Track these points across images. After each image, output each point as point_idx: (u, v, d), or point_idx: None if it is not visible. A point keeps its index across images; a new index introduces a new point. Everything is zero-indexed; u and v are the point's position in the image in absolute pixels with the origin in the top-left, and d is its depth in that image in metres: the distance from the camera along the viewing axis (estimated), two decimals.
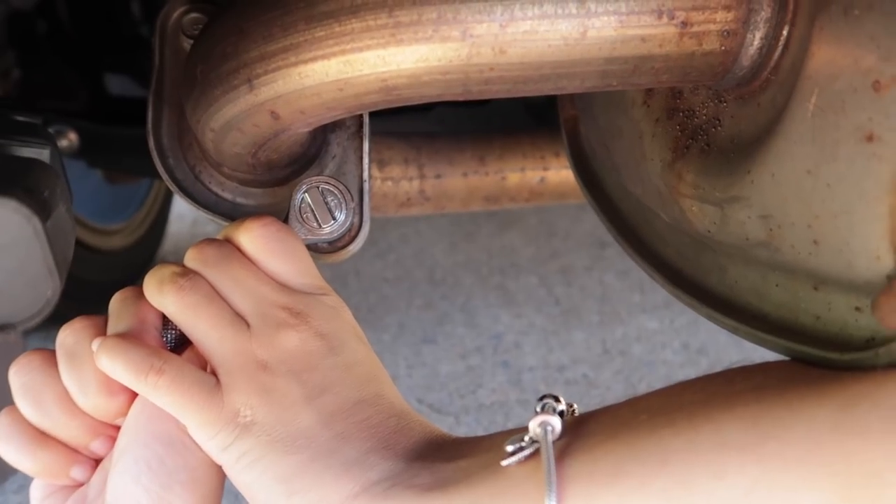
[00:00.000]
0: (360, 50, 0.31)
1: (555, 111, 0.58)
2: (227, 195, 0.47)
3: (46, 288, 0.27)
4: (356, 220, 0.45)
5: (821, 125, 0.27)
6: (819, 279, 0.29)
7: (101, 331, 0.35)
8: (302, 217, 0.41)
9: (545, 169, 0.66)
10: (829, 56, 0.26)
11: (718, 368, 0.30)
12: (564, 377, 0.93)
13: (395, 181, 0.63)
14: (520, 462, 0.28)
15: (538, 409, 0.30)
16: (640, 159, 0.44)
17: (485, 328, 1.02)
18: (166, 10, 0.47)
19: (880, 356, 0.24)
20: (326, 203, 0.42)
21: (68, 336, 0.35)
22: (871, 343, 0.27)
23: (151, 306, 0.36)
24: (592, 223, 1.27)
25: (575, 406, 0.31)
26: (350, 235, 0.45)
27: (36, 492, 0.36)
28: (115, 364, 0.33)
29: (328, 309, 0.36)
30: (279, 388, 0.33)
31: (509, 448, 0.29)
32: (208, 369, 0.34)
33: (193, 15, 0.47)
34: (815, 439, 0.23)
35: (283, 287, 0.36)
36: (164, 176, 0.46)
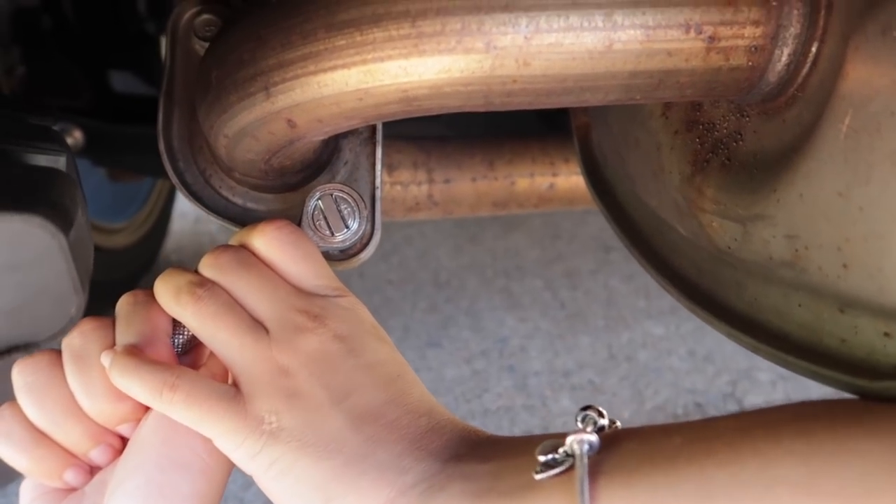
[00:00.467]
0: (382, 60, 0.30)
1: (566, 117, 0.57)
2: (238, 200, 0.46)
3: (71, 305, 0.27)
4: (368, 227, 0.45)
5: (854, 147, 0.26)
6: (846, 302, 0.29)
7: (110, 333, 0.35)
8: (315, 224, 0.41)
9: (554, 175, 0.66)
10: (864, 77, 0.26)
11: (725, 376, 0.30)
12: (570, 382, 0.92)
13: (404, 185, 0.63)
14: (552, 477, 0.27)
15: (579, 421, 0.29)
16: (657, 171, 0.43)
17: (490, 332, 1.01)
18: (178, 11, 0.46)
19: None
20: (340, 211, 0.41)
21: (76, 338, 0.34)
22: None
23: (162, 311, 0.35)
24: (598, 226, 1.26)
25: (618, 423, 0.30)
26: (362, 243, 0.44)
27: (26, 492, 0.36)
28: (129, 383, 0.32)
29: (345, 311, 0.35)
30: (304, 392, 0.32)
31: (541, 458, 0.28)
32: (230, 379, 0.34)
33: (206, 16, 0.46)
34: (872, 482, 0.22)
35: (300, 291, 0.36)
36: (174, 179, 0.46)
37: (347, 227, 0.41)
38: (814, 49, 0.30)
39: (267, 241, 0.36)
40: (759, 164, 0.35)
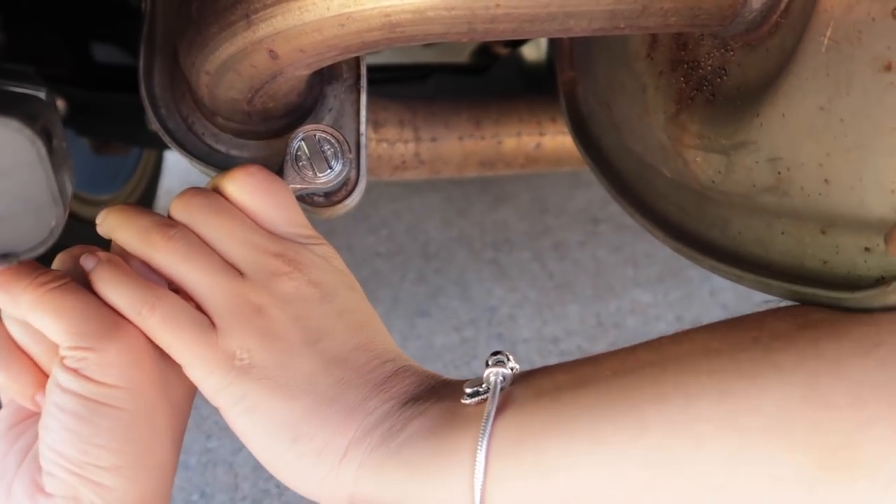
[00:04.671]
0: None
1: (553, 81, 0.57)
2: (221, 147, 0.46)
3: (51, 217, 0.27)
4: (353, 173, 0.44)
5: (835, 58, 0.26)
6: (827, 222, 0.29)
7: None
8: (298, 165, 0.40)
9: (541, 134, 0.66)
10: None
11: None
12: (559, 349, 0.93)
13: (391, 143, 0.63)
14: (478, 404, 0.30)
15: (489, 363, 0.31)
16: (642, 113, 0.43)
17: (479, 301, 1.02)
18: None
19: (890, 291, 0.24)
20: (323, 152, 0.41)
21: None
22: (880, 282, 0.26)
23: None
24: (585, 199, 1.26)
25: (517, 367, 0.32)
26: (346, 189, 0.44)
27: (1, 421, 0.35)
28: (110, 293, 0.32)
29: (319, 258, 0.36)
30: (277, 332, 0.32)
31: (468, 390, 0.31)
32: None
33: None
34: (788, 415, 0.25)
35: (274, 235, 0.36)
36: (156, 125, 0.45)
37: (331, 167, 0.41)
38: None
39: (239, 187, 0.36)
40: (743, 96, 0.35)
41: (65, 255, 0.35)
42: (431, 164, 0.64)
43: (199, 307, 0.33)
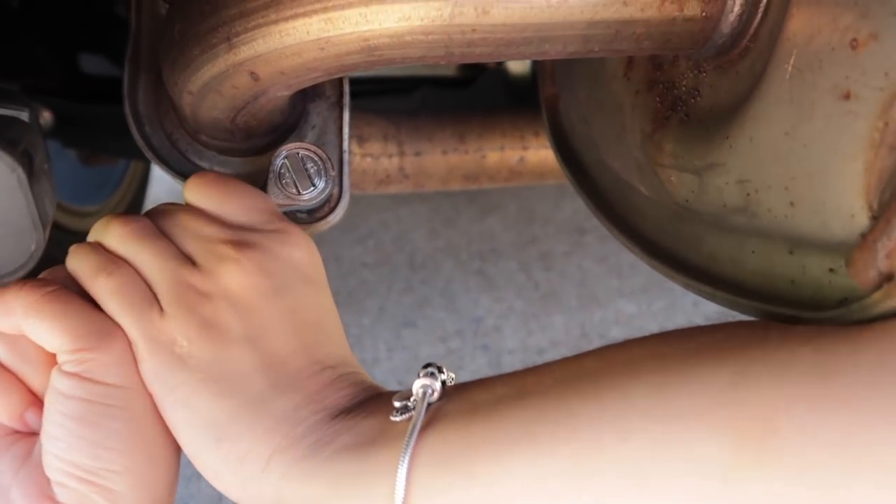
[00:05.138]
0: (342, 7, 0.31)
1: (536, 94, 0.58)
2: (205, 164, 0.46)
3: (30, 241, 0.27)
4: (336, 190, 0.45)
5: (798, 85, 0.27)
6: (794, 242, 0.30)
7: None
8: (281, 183, 0.41)
9: (524, 148, 0.66)
10: (807, 16, 0.27)
11: None
12: (544, 359, 0.93)
13: (375, 157, 0.63)
14: (405, 420, 0.30)
15: (421, 375, 0.31)
16: (619, 132, 0.44)
17: (465, 312, 1.02)
18: None
19: (853, 312, 0.25)
20: (306, 169, 0.41)
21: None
22: (844, 303, 0.27)
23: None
24: (572, 209, 1.27)
25: (453, 378, 0.32)
26: (329, 206, 0.45)
27: None
28: (75, 259, 0.33)
29: (277, 245, 0.35)
30: (220, 324, 0.32)
31: (396, 404, 0.30)
32: None
33: None
34: (713, 397, 0.24)
35: (230, 225, 0.36)
36: (141, 143, 0.46)
37: (314, 185, 0.41)
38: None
39: (191, 188, 0.37)
40: (715, 117, 0.35)
41: (51, 271, 0.35)
42: (416, 178, 0.65)
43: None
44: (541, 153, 0.66)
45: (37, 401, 0.34)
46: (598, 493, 0.25)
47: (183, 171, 0.46)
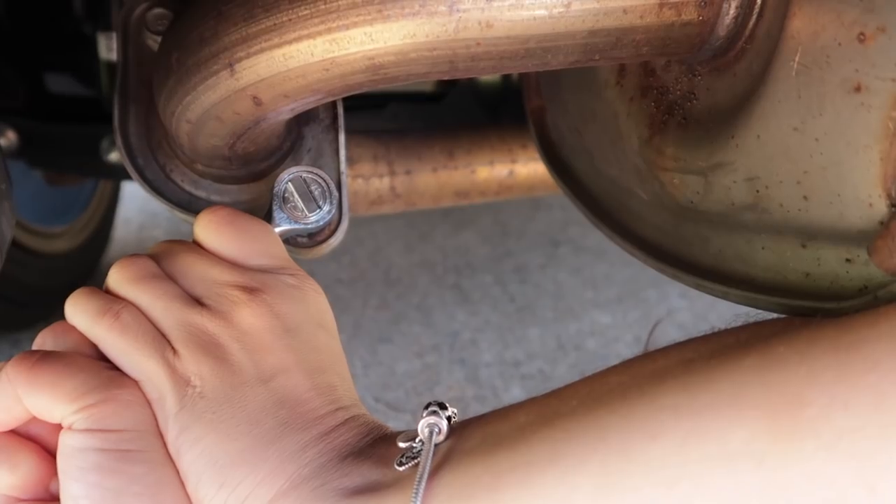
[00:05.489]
0: (347, 27, 0.31)
1: (507, 106, 0.58)
2: (202, 193, 0.46)
3: None
4: (335, 213, 0.45)
5: (806, 82, 0.28)
6: (808, 236, 0.30)
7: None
8: (286, 207, 0.41)
9: (513, 161, 0.67)
10: (810, 14, 0.27)
11: None
12: (521, 372, 0.94)
13: (366, 178, 0.63)
14: (411, 468, 0.29)
15: (424, 414, 0.30)
16: (615, 139, 0.44)
17: (441, 326, 1.02)
18: (129, 6, 0.46)
19: (880, 299, 0.25)
20: (310, 192, 0.41)
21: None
22: (864, 292, 0.28)
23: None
24: (546, 223, 1.28)
25: (455, 413, 0.31)
26: (330, 229, 0.44)
27: None
28: (76, 306, 0.32)
29: (288, 288, 0.35)
30: (232, 364, 0.32)
31: (402, 445, 0.30)
32: None
33: (157, 10, 0.46)
34: (740, 383, 0.24)
35: (239, 268, 0.35)
36: (135, 175, 0.45)
37: (320, 207, 0.41)
38: (759, 0, 0.32)
39: (202, 227, 0.36)
40: (715, 118, 0.36)
41: (45, 332, 0.34)
42: (407, 198, 0.65)
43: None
44: (530, 165, 0.67)
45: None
46: (631, 493, 0.24)
47: (179, 203, 0.45)
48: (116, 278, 0.34)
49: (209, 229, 0.36)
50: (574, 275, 1.13)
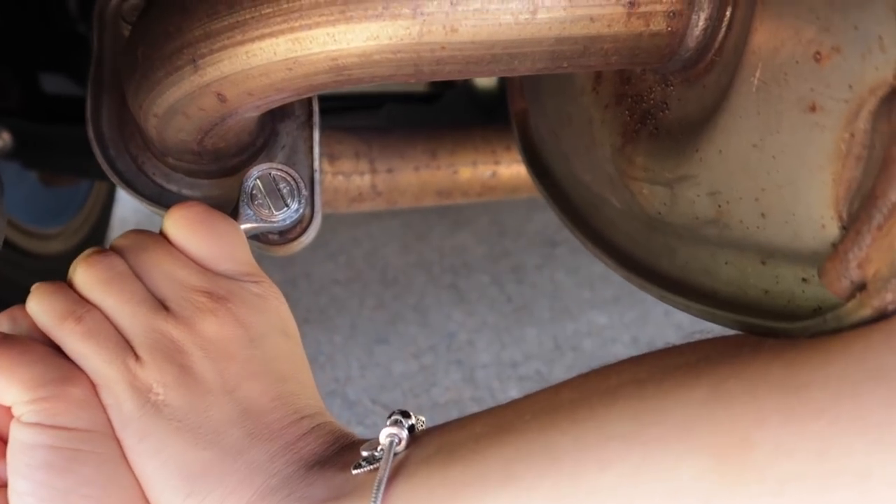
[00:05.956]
0: (309, 27, 0.30)
1: (504, 108, 0.58)
2: (173, 187, 0.45)
3: None
4: (308, 210, 0.44)
5: (765, 98, 0.27)
6: (767, 253, 0.30)
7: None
8: (254, 204, 0.40)
9: (496, 163, 0.67)
10: (771, 30, 0.27)
11: None
12: (518, 373, 0.93)
13: (347, 175, 0.63)
14: (369, 472, 0.29)
15: (388, 423, 0.30)
16: (589, 145, 0.44)
17: (437, 327, 1.02)
18: None
19: (828, 322, 0.25)
20: (279, 190, 0.41)
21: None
22: (817, 312, 0.27)
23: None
24: (542, 223, 1.28)
25: (423, 421, 0.32)
26: (301, 227, 0.44)
27: None
28: (40, 304, 0.32)
29: (253, 297, 0.35)
30: (196, 373, 0.31)
31: (364, 454, 0.30)
32: None
33: (133, 1, 0.46)
34: (690, 418, 0.24)
35: (206, 272, 0.35)
36: (105, 167, 0.45)
37: (287, 205, 0.41)
38: (728, 13, 0.32)
39: (174, 222, 0.36)
40: (684, 130, 0.36)
41: (6, 314, 0.34)
42: (388, 196, 0.65)
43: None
44: (513, 167, 0.67)
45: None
46: None
47: (150, 195, 0.45)
48: (83, 279, 0.33)
49: (180, 226, 0.35)
50: (571, 275, 1.13)
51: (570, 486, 0.25)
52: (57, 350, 0.32)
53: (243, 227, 0.40)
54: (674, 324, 0.99)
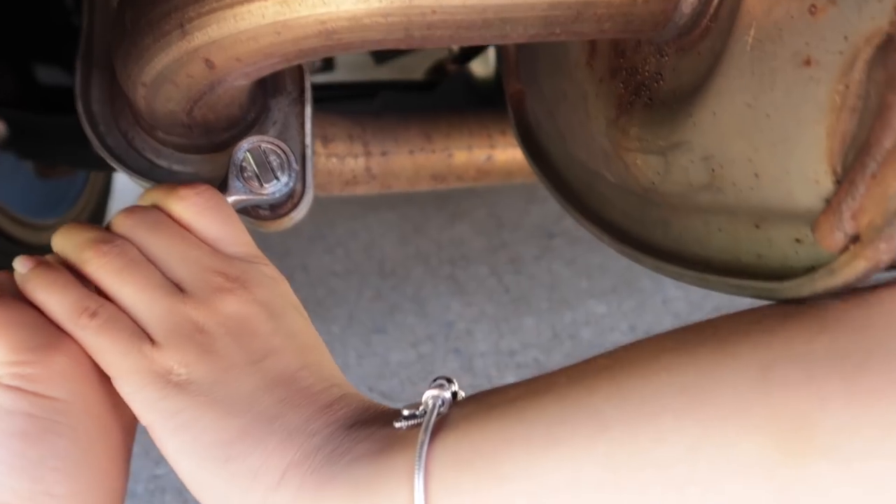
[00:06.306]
0: None
1: (501, 97, 0.58)
2: (163, 162, 0.45)
3: None
4: (299, 185, 0.44)
5: (759, 56, 0.27)
6: (760, 216, 0.30)
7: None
8: (243, 176, 0.40)
9: (492, 147, 0.66)
10: None
11: None
12: (515, 361, 0.93)
13: (341, 158, 0.62)
14: (411, 427, 0.29)
15: (430, 387, 0.30)
16: (584, 120, 0.44)
17: (435, 317, 1.01)
18: None
19: (818, 278, 0.25)
20: (269, 163, 0.40)
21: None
22: (810, 272, 0.27)
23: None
24: (541, 215, 1.28)
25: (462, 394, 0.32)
26: (293, 202, 0.44)
27: None
28: (48, 296, 0.31)
29: (266, 277, 0.35)
30: (218, 349, 0.31)
31: (405, 412, 0.30)
32: None
33: None
34: (745, 399, 0.24)
35: (219, 253, 0.35)
36: (95, 143, 0.44)
37: (277, 178, 0.40)
38: None
39: (186, 205, 0.35)
40: (678, 99, 0.35)
41: None
42: (383, 179, 0.64)
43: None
44: (508, 151, 0.66)
45: None
46: (638, 490, 0.25)
47: (140, 170, 0.45)
48: (97, 266, 0.33)
49: (192, 209, 0.35)
50: (569, 265, 1.13)
51: (624, 457, 0.25)
52: (44, 316, 0.32)
53: (233, 198, 0.40)
54: (671, 312, 0.99)
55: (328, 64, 1.05)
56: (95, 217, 1.16)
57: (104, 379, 0.31)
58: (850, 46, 0.23)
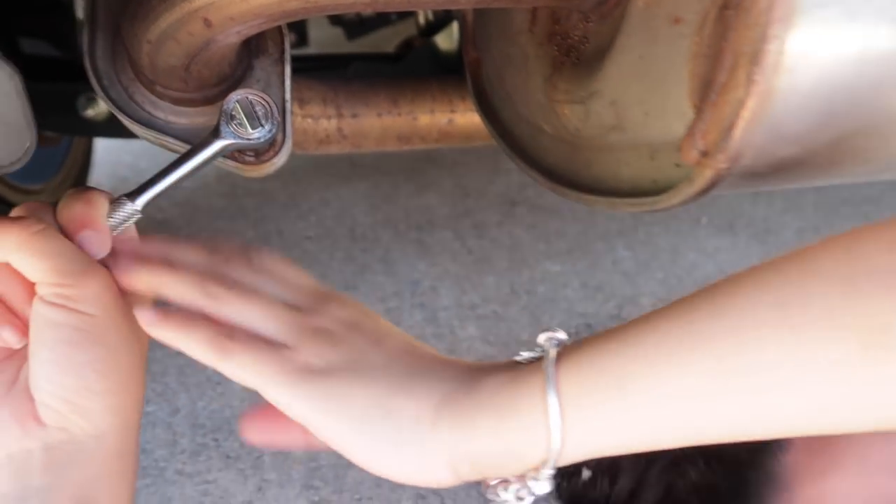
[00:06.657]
0: None
1: (462, 66, 0.65)
2: (160, 114, 0.51)
3: (26, 139, 0.32)
4: (280, 135, 0.51)
5: (648, 17, 0.35)
6: (654, 148, 0.37)
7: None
8: (232, 123, 0.47)
9: (453, 111, 0.73)
10: None
11: (612, 302, 0.36)
12: (476, 314, 1.01)
13: (315, 119, 0.69)
14: (531, 361, 0.34)
15: (542, 333, 0.34)
16: (525, 79, 0.51)
17: (403, 276, 1.08)
18: None
19: (682, 187, 0.32)
20: (255, 112, 0.47)
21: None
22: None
23: (97, 199, 0.38)
24: (504, 184, 1.35)
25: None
26: (274, 149, 0.51)
27: None
28: (186, 343, 0.35)
29: (348, 299, 0.39)
30: (345, 340, 0.36)
31: (523, 353, 0.35)
32: None
33: None
34: (832, 309, 0.28)
35: (301, 280, 0.40)
36: (101, 94, 0.51)
37: (262, 125, 0.47)
38: None
39: (271, 259, 0.40)
40: (598, 56, 0.43)
41: (34, 208, 0.38)
42: (353, 139, 0.71)
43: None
44: (468, 115, 0.73)
45: (13, 318, 0.37)
46: (751, 395, 0.29)
47: (140, 120, 0.51)
48: (225, 300, 0.37)
49: (275, 259, 0.41)
50: (528, 230, 1.20)
51: (734, 362, 0.29)
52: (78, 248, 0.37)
53: (223, 143, 0.46)
54: (620, 271, 1.08)
55: (302, 40, 1.11)
56: (78, 183, 1.21)
57: (127, 304, 0.37)
58: (703, 7, 0.31)
